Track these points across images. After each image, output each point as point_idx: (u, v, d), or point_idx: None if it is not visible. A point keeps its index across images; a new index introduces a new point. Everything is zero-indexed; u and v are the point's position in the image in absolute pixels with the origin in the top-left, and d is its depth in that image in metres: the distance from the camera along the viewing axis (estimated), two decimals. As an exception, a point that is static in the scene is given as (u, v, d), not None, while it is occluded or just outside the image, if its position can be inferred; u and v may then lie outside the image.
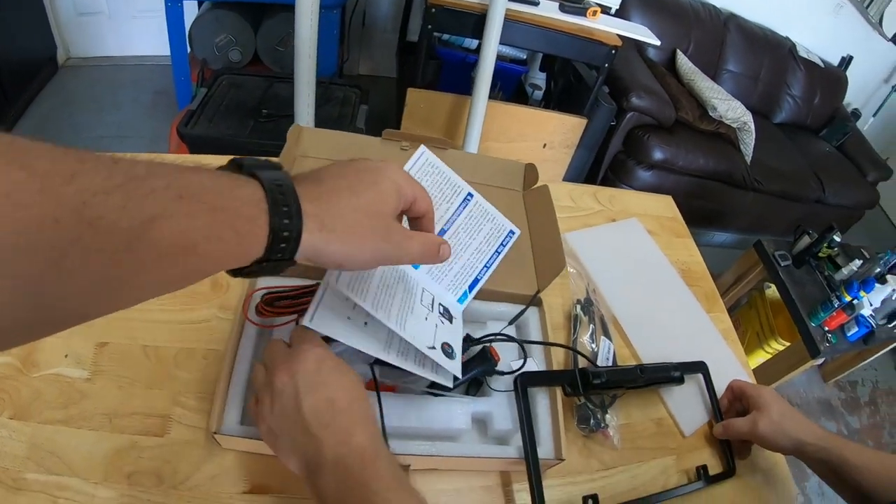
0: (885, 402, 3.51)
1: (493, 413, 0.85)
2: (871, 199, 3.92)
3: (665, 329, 1.19)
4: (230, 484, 0.73)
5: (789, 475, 1.03)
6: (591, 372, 0.91)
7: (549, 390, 0.89)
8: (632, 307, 1.19)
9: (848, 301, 2.37)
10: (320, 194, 0.50)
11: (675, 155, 3.14)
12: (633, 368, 0.97)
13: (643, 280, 1.27)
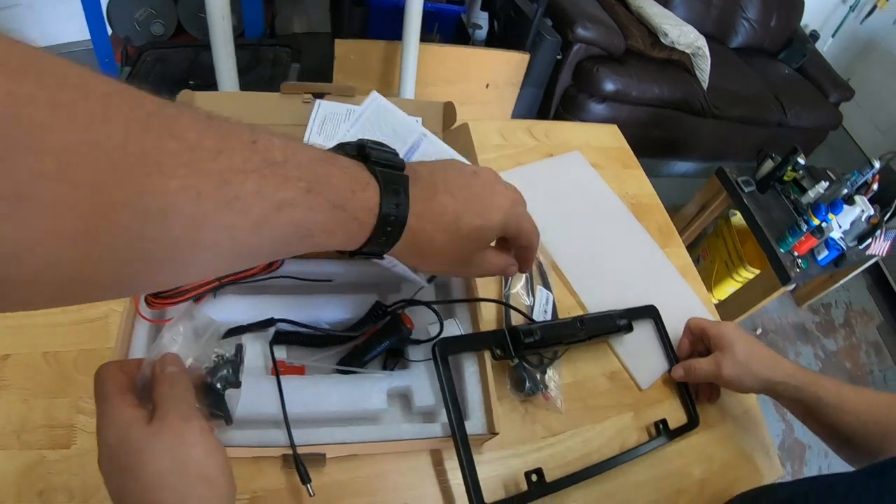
0: (860, 323, 3.51)
1: (413, 387, 0.75)
2: (834, 120, 3.86)
3: (614, 273, 1.08)
4: None
5: (763, 421, 0.97)
6: (523, 330, 0.80)
7: (477, 356, 0.78)
8: (575, 251, 1.07)
9: (816, 225, 2.33)
10: (426, 211, 0.51)
11: (628, 85, 3.02)
12: (571, 321, 0.86)
13: (588, 220, 1.15)
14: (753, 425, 0.96)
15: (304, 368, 0.74)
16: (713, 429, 0.93)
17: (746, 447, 0.94)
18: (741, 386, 0.86)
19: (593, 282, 1.04)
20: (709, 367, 0.88)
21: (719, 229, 2.93)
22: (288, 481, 0.71)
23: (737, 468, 0.92)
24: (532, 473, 0.77)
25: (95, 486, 0.67)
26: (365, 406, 0.72)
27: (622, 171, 1.27)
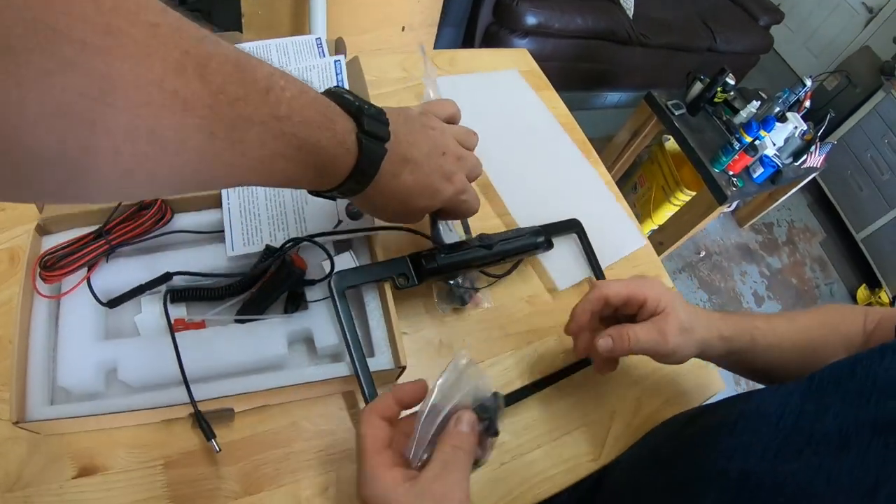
0: (803, 240, 3.57)
1: (313, 329, 0.72)
2: (765, 43, 3.87)
3: (546, 191, 1.05)
4: (58, 472, 0.65)
5: None
6: (424, 255, 0.75)
7: (378, 288, 0.75)
8: (509, 168, 1.04)
9: (749, 142, 2.34)
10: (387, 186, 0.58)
11: (550, 18, 2.95)
12: (475, 241, 0.80)
13: (522, 137, 1.11)
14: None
15: (203, 323, 0.72)
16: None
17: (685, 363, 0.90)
18: (682, 355, 0.70)
19: (525, 199, 1.00)
20: (651, 336, 0.69)
21: (654, 155, 2.94)
22: (200, 442, 0.68)
23: (673, 386, 0.89)
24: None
25: (16, 474, 0.64)
26: (265, 353, 0.69)
27: (536, 92, 1.21)
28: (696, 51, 3.56)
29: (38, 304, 0.68)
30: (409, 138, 0.59)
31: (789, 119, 2.44)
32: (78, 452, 0.66)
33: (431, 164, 0.61)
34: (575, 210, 0.96)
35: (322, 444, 0.72)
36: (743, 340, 0.72)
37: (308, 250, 0.75)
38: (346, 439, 0.72)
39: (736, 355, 0.73)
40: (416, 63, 1.16)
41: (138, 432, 0.68)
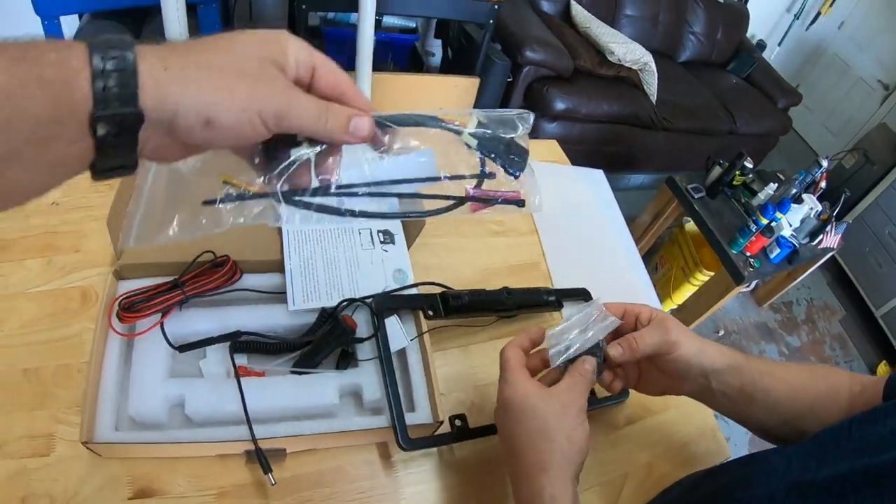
0: (822, 318, 3.59)
1: (362, 384, 0.82)
2: (784, 124, 3.98)
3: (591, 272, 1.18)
4: (115, 493, 0.71)
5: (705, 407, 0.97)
6: (452, 295, 0.88)
7: (420, 350, 0.86)
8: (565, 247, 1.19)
9: (765, 224, 2.40)
10: (163, 49, 0.40)
11: (578, 104, 3.12)
12: (499, 291, 0.93)
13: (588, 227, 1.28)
14: (696, 411, 0.99)
15: (264, 373, 0.80)
16: (657, 415, 0.97)
17: (692, 431, 0.97)
18: (685, 350, 0.74)
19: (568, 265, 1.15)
20: (652, 333, 0.74)
21: (675, 237, 3.01)
22: (252, 476, 0.75)
23: (683, 451, 0.96)
24: (456, 418, 0.83)
25: (74, 489, 0.70)
26: (319, 402, 0.78)
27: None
28: (716, 134, 3.67)
29: (111, 340, 0.76)
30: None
31: (805, 200, 2.50)
32: (136, 476, 0.72)
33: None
34: (604, 278, 1.08)
35: (363, 486, 0.79)
36: (739, 358, 0.76)
37: (359, 312, 0.86)
38: (384, 484, 0.80)
39: (738, 374, 0.75)
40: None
41: (195, 463, 0.75)
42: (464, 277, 1.03)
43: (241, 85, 0.42)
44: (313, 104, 0.46)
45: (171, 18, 1.78)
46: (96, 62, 0.36)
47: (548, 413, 0.67)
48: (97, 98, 0.36)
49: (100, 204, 1.04)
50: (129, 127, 0.38)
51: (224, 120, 0.41)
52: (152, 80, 0.37)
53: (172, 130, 0.40)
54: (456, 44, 2.98)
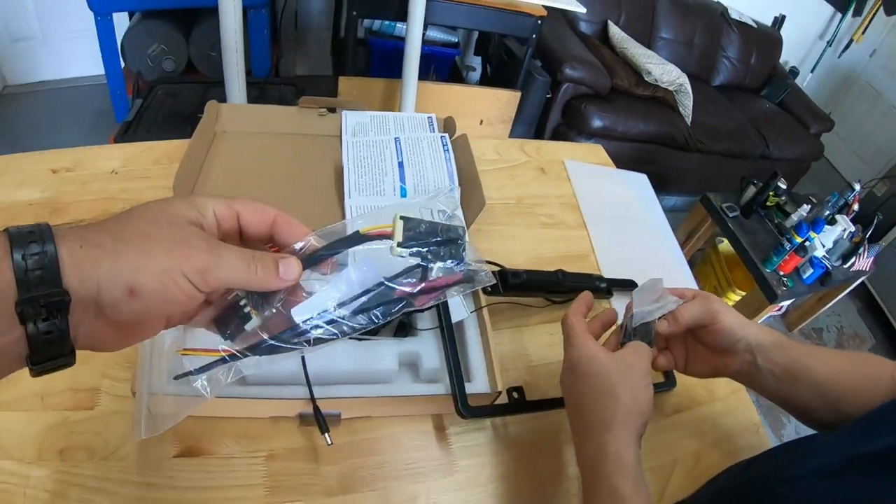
0: (852, 346, 3.56)
1: (420, 352, 0.84)
2: (816, 150, 3.98)
3: (634, 252, 1.22)
4: (160, 449, 0.72)
5: (749, 401, 1.00)
6: (510, 272, 0.91)
7: (478, 321, 0.89)
8: (613, 241, 1.23)
9: (799, 243, 2.40)
10: (77, 228, 0.40)
11: (615, 122, 3.16)
12: (554, 272, 0.96)
13: (632, 223, 1.31)
14: (740, 405, 1.00)
15: None
16: (703, 406, 0.98)
17: (736, 424, 0.98)
18: (728, 320, 0.76)
19: (615, 255, 1.19)
20: (695, 305, 0.77)
21: (707, 257, 3.02)
22: (304, 440, 0.76)
23: (728, 443, 0.96)
24: (513, 390, 0.86)
25: (116, 444, 0.71)
26: (378, 367, 0.80)
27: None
28: (749, 157, 3.68)
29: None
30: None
31: (838, 221, 2.51)
32: (184, 434, 0.73)
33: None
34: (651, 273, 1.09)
35: (415, 457, 0.80)
36: (782, 337, 0.77)
37: None
38: (437, 456, 0.81)
39: (784, 352, 0.76)
40: (508, 148, 1.35)
41: (245, 424, 0.75)
42: (516, 263, 1.04)
43: (159, 248, 0.41)
44: (239, 255, 0.45)
45: (227, 20, 1.83)
46: (16, 248, 0.36)
47: (613, 371, 0.69)
48: (20, 282, 0.36)
49: (159, 174, 1.08)
50: (57, 309, 0.37)
51: (147, 286, 0.40)
52: (71, 259, 0.38)
53: (101, 309, 0.40)
54: (496, 59, 3.03)
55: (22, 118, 3.18)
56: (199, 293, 0.43)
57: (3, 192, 1.01)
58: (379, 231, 0.51)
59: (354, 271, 0.51)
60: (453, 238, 0.54)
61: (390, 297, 0.52)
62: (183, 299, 0.42)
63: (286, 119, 1.13)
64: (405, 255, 0.51)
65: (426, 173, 1.03)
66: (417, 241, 0.52)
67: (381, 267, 0.52)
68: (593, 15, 3.55)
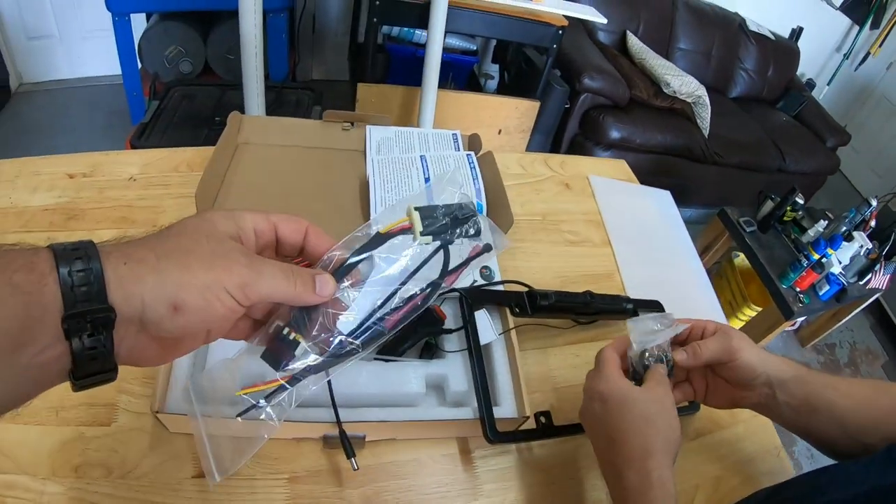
0: (865, 362, 3.54)
1: (447, 375, 0.83)
2: (832, 164, 3.96)
3: (659, 273, 1.21)
4: (178, 469, 0.71)
5: (771, 424, 0.99)
6: (539, 293, 0.89)
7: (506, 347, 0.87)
8: (637, 259, 1.22)
9: (816, 259, 2.39)
10: (120, 245, 0.41)
11: (632, 133, 3.15)
12: (582, 294, 0.95)
13: (656, 241, 1.30)
14: (762, 429, 0.99)
15: None
16: (725, 430, 0.97)
17: (758, 448, 0.97)
18: (747, 357, 0.75)
19: (640, 275, 1.17)
20: (718, 340, 0.77)
21: (723, 271, 3.00)
22: (328, 462, 0.75)
23: (748, 467, 0.95)
24: (541, 415, 0.84)
25: (134, 462, 0.70)
26: (404, 390, 0.79)
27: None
28: (766, 170, 3.67)
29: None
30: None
31: (855, 238, 2.49)
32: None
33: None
34: (675, 294, 1.11)
35: (440, 481, 0.79)
36: (803, 370, 0.77)
37: (445, 305, 0.88)
38: (463, 480, 0.80)
39: (803, 386, 0.76)
40: (532, 162, 1.33)
41: (267, 445, 0.69)
42: (542, 282, 1.04)
43: (200, 264, 0.41)
44: (279, 269, 0.46)
45: (247, 23, 1.83)
46: (62, 264, 0.36)
47: (649, 401, 0.71)
48: (66, 298, 0.36)
49: (178, 182, 1.07)
50: (102, 325, 0.37)
51: (190, 301, 0.40)
52: (115, 276, 0.38)
53: (144, 325, 0.40)
54: (514, 68, 3.02)
55: (37, 116, 3.19)
56: (239, 307, 0.44)
57: (18, 195, 1.00)
58: (399, 227, 0.53)
59: (382, 272, 0.53)
60: (468, 215, 0.56)
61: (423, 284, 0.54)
62: (225, 313, 0.43)
63: (309, 132, 1.13)
64: (429, 241, 0.54)
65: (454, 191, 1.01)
66: (436, 226, 0.54)
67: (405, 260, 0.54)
68: (612, 24, 3.54)
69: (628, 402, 0.71)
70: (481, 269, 0.95)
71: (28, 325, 0.35)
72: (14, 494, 0.66)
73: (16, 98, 3.27)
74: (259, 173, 1.04)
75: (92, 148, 1.10)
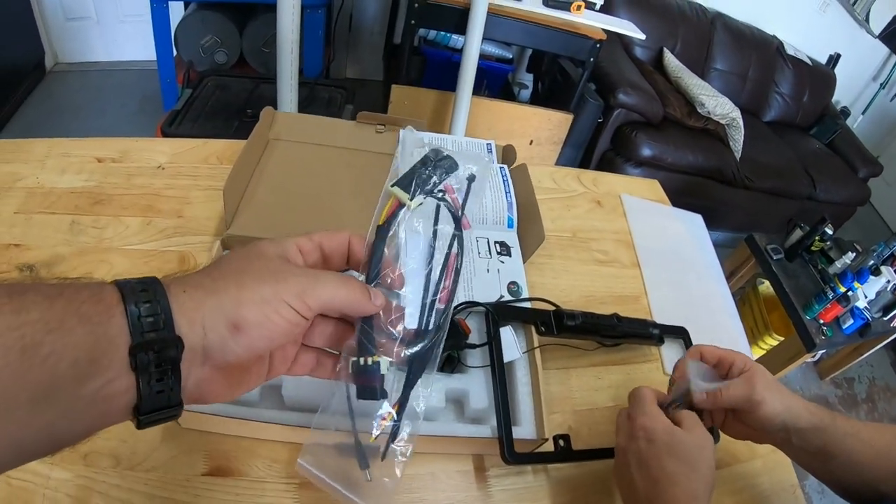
0: (883, 399, 3.49)
1: (468, 391, 0.81)
2: (863, 195, 3.91)
3: (687, 299, 1.20)
4: (189, 465, 0.70)
5: (788, 461, 0.97)
6: (566, 313, 0.88)
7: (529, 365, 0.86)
8: (664, 281, 1.20)
9: (842, 292, 2.36)
10: (177, 277, 0.42)
11: (664, 152, 3.12)
12: (609, 316, 0.93)
13: (685, 264, 1.29)
14: (779, 465, 0.98)
15: None
16: (743, 464, 0.96)
17: (773, 485, 0.95)
18: (769, 410, 0.74)
19: (667, 300, 1.16)
20: (740, 388, 0.75)
21: (746, 297, 2.96)
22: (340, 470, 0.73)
23: (769, 502, 0.95)
24: (560, 438, 0.82)
25: (144, 455, 0.69)
26: (427, 404, 0.76)
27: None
28: (796, 197, 3.62)
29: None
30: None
31: (883, 273, 2.45)
32: (214, 452, 0.71)
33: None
34: (701, 321, 1.09)
35: (453, 498, 0.77)
36: (827, 419, 0.76)
37: (470, 319, 0.86)
38: (476, 497, 0.78)
39: (821, 435, 0.75)
40: (565, 177, 1.32)
41: (279, 448, 0.73)
42: (569, 300, 1.03)
43: (256, 280, 0.42)
44: (336, 275, 0.47)
45: (285, 18, 1.83)
46: (129, 296, 0.37)
47: (693, 445, 0.70)
48: (134, 329, 0.36)
49: (206, 174, 1.06)
50: (169, 356, 0.37)
51: (250, 317, 0.41)
52: (178, 305, 0.38)
53: (208, 353, 0.40)
54: (549, 79, 3.00)
55: (70, 96, 3.21)
56: (301, 318, 0.44)
57: (46, 176, 1.00)
58: (391, 209, 0.54)
59: (409, 254, 0.54)
60: (440, 158, 0.58)
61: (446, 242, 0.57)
62: (286, 328, 0.43)
63: (342, 132, 1.11)
64: (422, 201, 0.55)
65: (485, 203, 1.00)
66: (420, 185, 0.55)
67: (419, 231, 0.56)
68: (650, 41, 3.51)
69: (675, 442, 0.70)
70: (509, 285, 0.93)
71: (95, 357, 0.34)
72: (20, 477, 0.66)
73: (50, 77, 3.29)
74: (289, 171, 1.03)
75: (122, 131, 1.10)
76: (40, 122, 2.99)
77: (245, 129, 2.20)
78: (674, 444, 0.69)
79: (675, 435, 0.70)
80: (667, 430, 0.71)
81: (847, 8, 4.25)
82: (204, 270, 0.43)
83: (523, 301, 0.93)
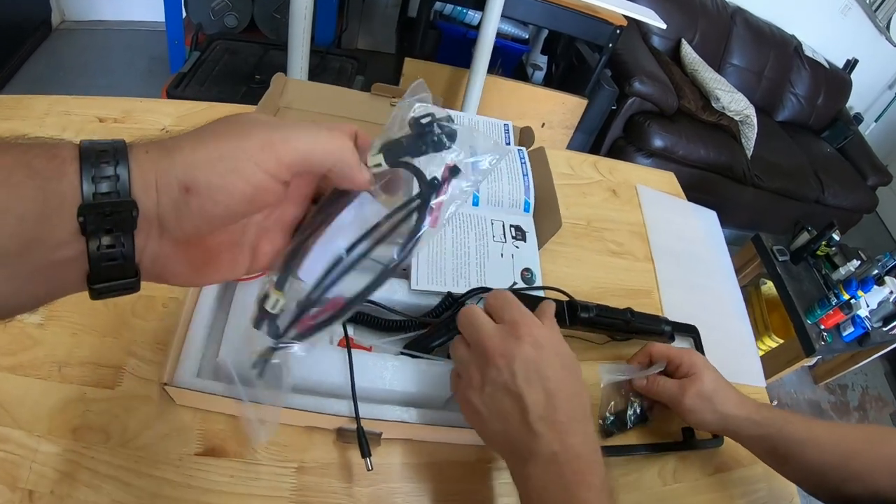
0: (874, 408, 3.50)
1: None
2: (870, 203, 3.91)
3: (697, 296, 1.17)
4: (182, 444, 0.67)
5: None
6: (580, 304, 0.85)
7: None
8: (677, 277, 1.18)
9: (846, 300, 2.35)
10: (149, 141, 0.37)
11: (676, 144, 3.09)
12: (624, 310, 0.90)
13: (697, 259, 1.26)
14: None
15: (370, 349, 0.76)
16: (745, 468, 0.93)
17: (773, 493, 0.93)
18: (699, 418, 0.80)
19: (678, 296, 1.14)
20: (672, 389, 0.82)
21: (748, 297, 2.94)
22: (339, 456, 0.71)
23: None
24: None
25: (135, 431, 0.67)
26: (431, 391, 0.74)
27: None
28: (804, 200, 3.61)
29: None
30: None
31: (887, 283, 2.44)
32: (209, 432, 0.68)
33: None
34: (711, 320, 1.06)
35: (454, 489, 0.74)
36: (773, 427, 0.77)
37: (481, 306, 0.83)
38: (478, 490, 0.75)
39: (766, 441, 0.78)
40: (581, 164, 1.28)
41: (278, 431, 0.71)
42: (581, 291, 1.00)
43: (217, 136, 0.37)
44: (313, 124, 0.41)
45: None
46: (87, 153, 0.33)
47: (570, 353, 0.63)
48: (85, 185, 0.33)
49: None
50: (122, 219, 0.34)
51: (201, 178, 0.36)
52: (136, 166, 0.35)
53: (163, 222, 0.36)
54: (564, 62, 2.96)
55: (76, 55, 3.16)
56: (270, 180, 0.38)
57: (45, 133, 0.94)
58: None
59: (351, 211, 0.48)
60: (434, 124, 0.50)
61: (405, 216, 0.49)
62: (248, 192, 0.37)
63: (356, 103, 1.08)
64: (380, 162, 0.46)
65: (502, 186, 0.96)
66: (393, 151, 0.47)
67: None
68: (668, 32, 3.46)
69: (569, 355, 0.63)
70: (522, 272, 0.89)
71: (45, 215, 0.32)
72: (6, 449, 0.63)
73: (56, 34, 3.23)
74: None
75: (128, 92, 1.07)
76: (43, 80, 2.94)
77: (252, 94, 2.17)
78: (569, 355, 0.63)
79: (559, 339, 0.63)
80: (561, 341, 0.63)
81: (869, 14, 4.21)
82: (174, 135, 0.38)
83: (536, 290, 0.89)
